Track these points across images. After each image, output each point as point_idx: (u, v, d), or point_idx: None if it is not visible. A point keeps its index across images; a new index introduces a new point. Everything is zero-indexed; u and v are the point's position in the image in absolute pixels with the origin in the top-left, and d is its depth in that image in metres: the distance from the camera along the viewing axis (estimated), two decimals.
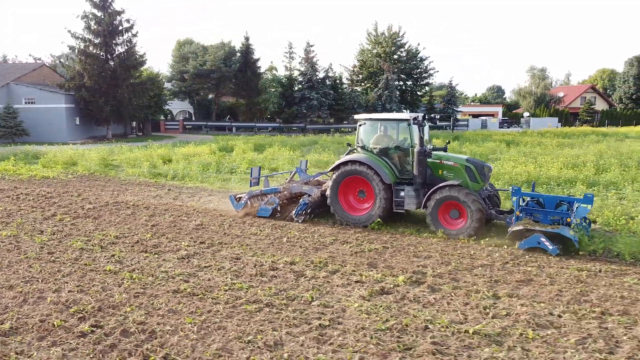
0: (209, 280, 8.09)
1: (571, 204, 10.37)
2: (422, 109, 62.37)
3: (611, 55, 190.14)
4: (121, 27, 42.60)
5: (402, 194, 11.60)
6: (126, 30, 42.90)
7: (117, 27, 42.35)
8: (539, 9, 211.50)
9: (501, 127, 66.05)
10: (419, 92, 66.44)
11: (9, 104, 39.17)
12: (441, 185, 11.02)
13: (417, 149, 11.40)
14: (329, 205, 12.21)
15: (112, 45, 42.37)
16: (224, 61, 52.76)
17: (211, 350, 5.73)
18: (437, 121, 14.24)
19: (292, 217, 12.35)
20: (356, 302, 7.13)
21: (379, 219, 11.64)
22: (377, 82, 60.31)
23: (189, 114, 63.69)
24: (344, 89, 59.80)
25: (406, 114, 12.52)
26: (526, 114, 74.72)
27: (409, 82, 65.07)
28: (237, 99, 60.33)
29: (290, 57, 58.04)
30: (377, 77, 60.95)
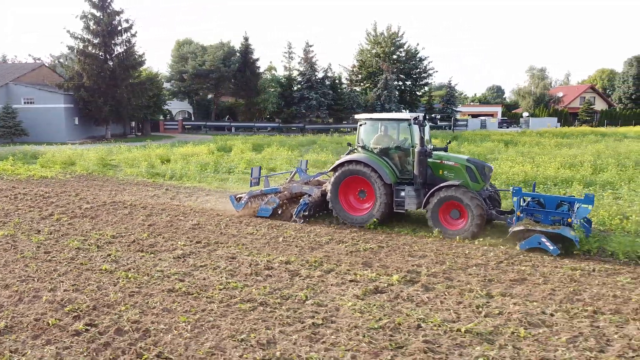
0: (204, 279, 8.11)
1: (572, 205, 10.30)
2: (421, 109, 62.43)
3: (610, 55, 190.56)
4: (120, 27, 42.73)
5: (403, 194, 11.56)
6: (125, 30, 43.02)
7: (116, 27, 42.46)
8: (539, 9, 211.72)
9: (500, 127, 66.18)
10: (418, 92, 66.59)
11: (7, 104, 39.25)
12: (442, 185, 10.97)
13: (417, 149, 11.34)
14: (329, 205, 12.19)
15: (111, 45, 42.49)
16: (223, 61, 52.83)
17: (204, 348, 5.76)
18: (438, 121, 14.26)
19: (293, 217, 12.33)
20: (350, 301, 7.16)
21: (376, 219, 11.62)
22: (376, 82, 60.42)
23: (188, 114, 63.74)
24: (343, 89, 59.87)
25: (407, 114, 12.46)
26: (525, 114, 74.88)
27: (408, 82, 65.21)
28: (236, 99, 60.40)
29: (289, 57, 58.20)
30: (376, 77, 61.06)
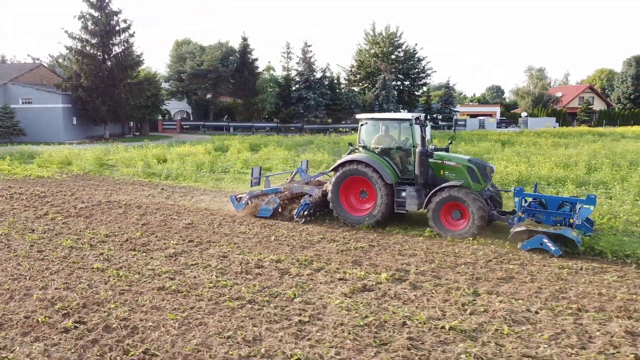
0: (194, 277, 8.19)
1: (574, 205, 10.27)
2: (420, 109, 62.49)
3: (609, 55, 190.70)
4: (118, 27, 42.83)
5: (404, 194, 11.52)
6: (123, 30, 43.12)
7: (114, 27, 42.55)
8: (539, 9, 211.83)
9: (499, 127, 66.30)
10: (416, 92, 66.63)
11: (5, 104, 39.34)
12: (443, 185, 10.93)
13: (418, 149, 11.29)
14: (330, 205, 12.15)
15: (109, 45, 42.59)
16: (221, 61, 52.88)
17: (190, 345, 5.84)
18: (439, 121, 14.29)
19: (294, 217, 12.30)
20: (337, 299, 7.23)
21: (378, 220, 11.54)
22: (374, 82, 60.47)
23: (187, 113, 63.82)
24: (341, 89, 59.92)
25: (408, 114, 12.42)
26: (524, 114, 74.98)
27: (407, 82, 65.23)
28: (234, 99, 60.46)
29: (288, 57, 58.23)
30: (375, 77, 61.13)
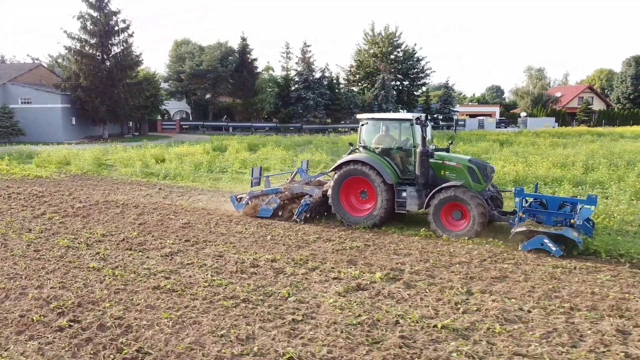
0: (189, 277, 8.22)
1: (574, 205, 10.27)
2: (419, 109, 62.52)
3: (609, 55, 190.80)
4: (117, 28, 42.90)
5: (404, 194, 11.50)
6: (122, 30, 43.18)
7: (113, 27, 42.61)
8: (539, 9, 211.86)
9: (498, 127, 66.41)
10: (415, 92, 66.69)
11: (5, 104, 39.39)
12: (444, 185, 10.91)
13: (419, 149, 11.29)
14: (331, 205, 12.12)
15: (108, 45, 42.65)
16: (220, 61, 52.92)
17: (184, 343, 5.87)
18: (440, 121, 14.31)
19: (294, 217, 12.28)
20: (331, 298, 7.26)
21: (378, 220, 11.54)
22: (373, 82, 60.50)
23: (186, 114, 63.88)
24: (340, 89, 59.95)
25: (409, 114, 12.40)
26: (523, 114, 75.05)
27: (406, 82, 65.29)
28: (233, 99, 60.50)
29: (287, 57, 58.27)
30: (374, 77, 61.16)
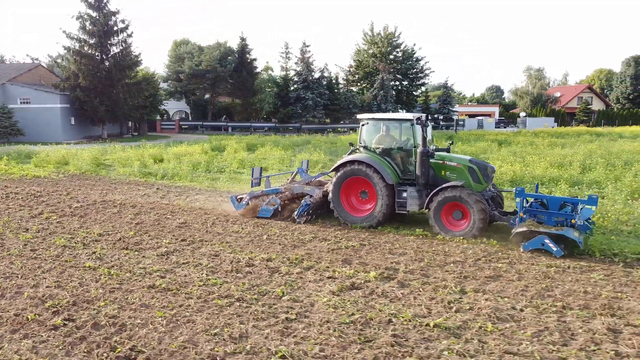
0: (185, 276, 8.25)
1: (575, 205, 10.27)
2: (418, 109, 62.56)
3: (608, 55, 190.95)
4: (116, 28, 42.91)
5: (405, 194, 11.50)
6: (121, 30, 43.19)
7: (112, 27, 42.63)
8: (539, 9, 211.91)
9: (497, 127, 66.45)
10: (414, 92, 66.72)
11: (4, 104, 39.41)
12: (444, 186, 10.92)
13: (419, 150, 11.29)
14: (331, 206, 12.13)
15: (107, 45, 42.67)
16: (219, 61, 52.95)
17: (177, 342, 5.91)
18: (441, 122, 14.30)
19: (295, 218, 12.27)
20: (325, 297, 7.30)
21: (378, 220, 11.53)
22: (372, 82, 60.52)
23: (186, 113, 63.92)
24: (339, 89, 59.98)
25: (410, 114, 12.45)
26: (522, 114, 75.09)
27: (405, 82, 65.32)
28: (233, 99, 60.54)
29: (286, 57, 58.32)
30: (373, 77, 61.17)
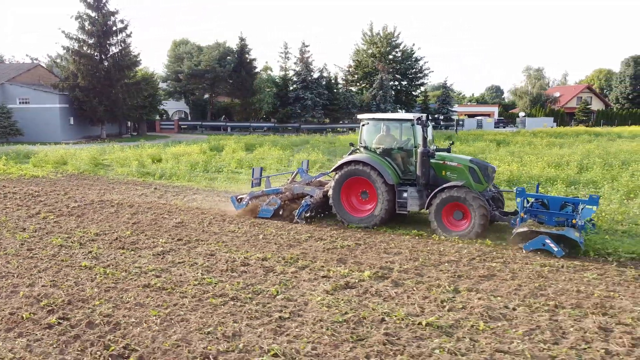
0: (180, 275, 8.29)
1: (576, 206, 10.28)
2: (417, 109, 62.59)
3: (608, 55, 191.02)
4: (115, 28, 42.90)
5: (405, 194, 11.51)
6: (120, 30, 43.19)
7: (111, 27, 42.63)
8: (538, 9, 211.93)
9: (497, 127, 66.41)
10: (413, 92, 66.75)
11: (3, 104, 39.42)
12: (445, 186, 10.91)
13: (420, 150, 11.30)
14: (331, 206, 12.13)
15: (106, 45, 42.66)
16: (218, 61, 52.98)
17: (171, 340, 5.95)
18: (441, 122, 14.31)
19: (295, 218, 12.29)
20: (319, 296, 7.34)
21: (379, 220, 11.54)
22: (372, 82, 60.52)
23: (185, 113, 63.94)
24: (338, 89, 59.99)
25: (410, 114, 12.45)
26: (522, 114, 75.07)
27: (404, 82, 65.34)
28: (232, 99, 60.57)
29: (285, 57, 58.33)
30: (372, 77, 61.18)
